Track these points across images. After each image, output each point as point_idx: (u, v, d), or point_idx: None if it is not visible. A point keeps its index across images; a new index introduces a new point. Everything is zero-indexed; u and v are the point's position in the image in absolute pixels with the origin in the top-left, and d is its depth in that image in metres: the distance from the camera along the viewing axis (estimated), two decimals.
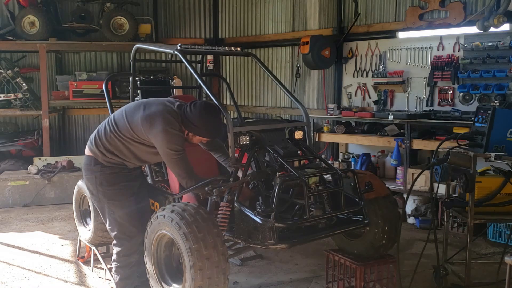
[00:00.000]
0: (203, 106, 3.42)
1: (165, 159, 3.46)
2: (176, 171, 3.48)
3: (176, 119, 3.37)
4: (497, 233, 5.28)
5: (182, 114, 3.39)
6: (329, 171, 3.68)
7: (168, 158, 3.42)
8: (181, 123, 3.37)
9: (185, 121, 3.38)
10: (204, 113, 3.40)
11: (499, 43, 5.60)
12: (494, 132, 3.67)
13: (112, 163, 3.57)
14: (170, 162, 3.43)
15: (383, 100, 6.75)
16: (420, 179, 5.17)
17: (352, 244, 4.18)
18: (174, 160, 3.40)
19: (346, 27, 7.14)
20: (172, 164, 3.45)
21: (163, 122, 3.30)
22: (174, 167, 3.46)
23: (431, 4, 6.15)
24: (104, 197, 3.60)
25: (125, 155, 3.55)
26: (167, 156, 3.40)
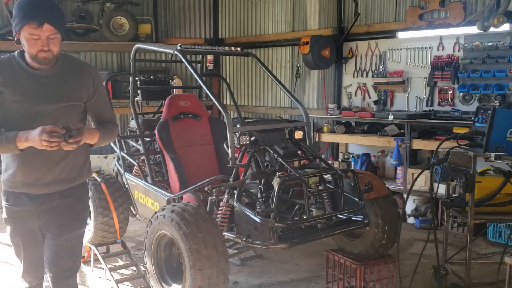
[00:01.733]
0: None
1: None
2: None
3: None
4: (497, 233, 5.28)
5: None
6: (329, 171, 3.68)
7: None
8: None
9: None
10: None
11: (499, 43, 5.60)
12: (494, 132, 3.67)
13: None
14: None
15: (383, 100, 6.75)
16: (420, 179, 5.17)
17: (352, 244, 4.19)
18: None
19: (346, 27, 7.14)
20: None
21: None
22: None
23: (431, 4, 6.15)
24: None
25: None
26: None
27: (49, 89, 2.46)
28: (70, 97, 2.52)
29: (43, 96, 2.44)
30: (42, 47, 2.35)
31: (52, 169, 2.54)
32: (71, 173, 2.61)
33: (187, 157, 4.62)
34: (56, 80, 2.48)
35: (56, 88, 2.48)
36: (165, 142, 4.52)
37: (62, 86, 2.50)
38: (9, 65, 2.44)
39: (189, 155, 4.68)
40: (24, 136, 2.31)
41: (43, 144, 2.24)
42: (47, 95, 2.45)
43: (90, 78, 2.59)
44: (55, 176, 2.55)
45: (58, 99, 2.47)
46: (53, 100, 2.46)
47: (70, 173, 2.61)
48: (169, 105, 4.77)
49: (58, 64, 2.49)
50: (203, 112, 4.99)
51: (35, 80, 2.44)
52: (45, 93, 2.44)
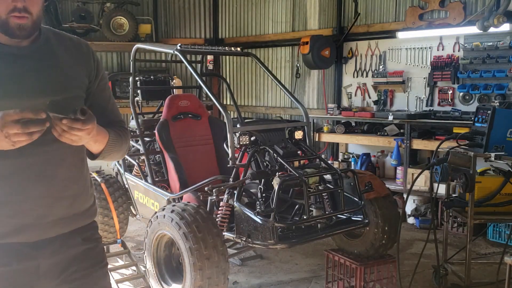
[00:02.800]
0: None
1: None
2: None
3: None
4: (497, 233, 5.28)
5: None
6: (329, 171, 3.68)
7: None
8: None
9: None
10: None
11: (499, 43, 5.60)
12: (494, 132, 3.67)
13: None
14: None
15: (383, 100, 6.75)
16: (420, 179, 5.16)
17: (352, 244, 4.19)
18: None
19: (346, 27, 7.14)
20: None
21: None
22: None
23: (431, 4, 6.15)
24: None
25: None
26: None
27: (31, 75, 1.58)
28: (66, 86, 1.65)
29: (21, 87, 1.56)
30: (15, 3, 1.50)
31: (59, 193, 1.66)
32: (86, 199, 1.78)
33: (187, 157, 4.62)
34: (41, 60, 1.62)
35: (43, 73, 1.61)
36: (165, 142, 4.52)
37: (52, 68, 1.63)
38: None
39: (189, 155, 4.68)
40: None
41: (11, 141, 1.37)
42: (29, 84, 1.57)
43: (89, 56, 1.76)
44: (67, 205, 1.70)
45: (47, 90, 1.59)
46: (38, 91, 1.58)
47: (85, 199, 1.78)
48: (169, 105, 4.77)
49: (42, 38, 1.65)
50: (203, 112, 4.99)
51: (6, 61, 1.56)
52: (25, 82, 1.57)
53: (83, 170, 1.77)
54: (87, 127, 1.42)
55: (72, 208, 1.71)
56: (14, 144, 1.37)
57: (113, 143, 1.70)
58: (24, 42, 1.60)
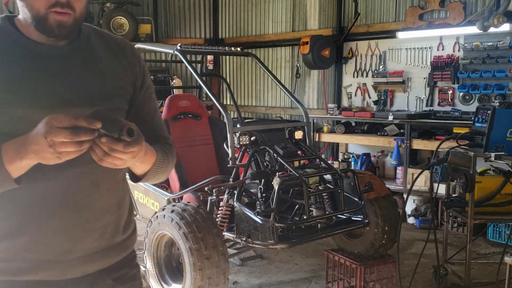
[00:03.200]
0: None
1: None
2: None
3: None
4: (497, 233, 5.28)
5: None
6: (329, 171, 3.68)
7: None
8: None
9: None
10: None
11: (499, 43, 5.60)
12: (494, 132, 3.67)
13: None
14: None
15: (383, 100, 6.75)
16: (420, 179, 5.16)
17: (352, 244, 4.19)
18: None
19: (346, 27, 7.14)
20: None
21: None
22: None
23: (431, 4, 6.15)
24: None
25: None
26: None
27: (65, 81, 1.32)
28: (107, 95, 1.38)
29: (53, 94, 1.29)
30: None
31: (89, 224, 1.38)
32: (120, 229, 1.48)
33: (187, 157, 4.62)
34: (79, 63, 1.36)
35: (80, 79, 1.34)
36: None
37: (91, 74, 1.37)
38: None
39: (189, 155, 4.68)
40: (17, 147, 1.14)
41: (57, 151, 1.09)
42: (62, 91, 1.30)
43: (135, 61, 1.50)
44: (97, 238, 1.40)
45: (84, 99, 1.33)
46: (73, 100, 1.31)
47: (119, 230, 1.47)
48: (169, 105, 4.77)
49: (81, 37, 1.39)
50: (203, 112, 4.99)
51: (37, 62, 1.30)
52: (58, 89, 1.30)
53: (122, 194, 1.48)
54: (132, 150, 1.15)
55: (103, 241, 1.41)
56: (60, 156, 1.09)
57: (160, 163, 1.42)
58: (61, 42, 1.33)
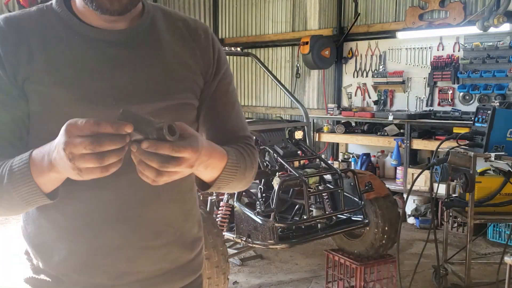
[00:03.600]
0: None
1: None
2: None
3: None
4: (497, 233, 5.28)
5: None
6: (329, 171, 3.68)
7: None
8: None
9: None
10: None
11: (499, 43, 5.60)
12: (494, 132, 3.67)
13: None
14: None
15: (383, 100, 6.75)
16: (420, 179, 5.16)
17: (352, 244, 4.19)
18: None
19: (346, 27, 7.14)
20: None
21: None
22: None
23: (431, 4, 6.15)
24: None
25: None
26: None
27: (129, 71, 1.10)
28: (172, 88, 1.14)
29: (115, 88, 1.08)
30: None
31: (148, 242, 1.15)
32: (186, 247, 1.23)
33: None
34: (141, 50, 1.13)
35: (145, 69, 1.12)
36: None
37: (159, 63, 1.14)
38: (41, 24, 1.09)
39: None
40: (43, 156, 0.95)
41: (77, 167, 0.87)
42: (119, 85, 1.09)
43: (208, 46, 1.22)
44: (158, 259, 1.18)
45: (150, 94, 1.11)
46: (139, 95, 1.10)
47: (185, 249, 1.23)
48: None
49: (146, 18, 1.15)
50: None
51: (93, 50, 1.09)
52: (116, 81, 1.09)
53: (190, 206, 1.23)
54: (185, 155, 0.87)
55: (166, 262, 1.18)
56: (80, 173, 0.86)
57: (234, 167, 1.12)
58: (120, 24, 1.10)
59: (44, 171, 0.94)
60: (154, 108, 1.10)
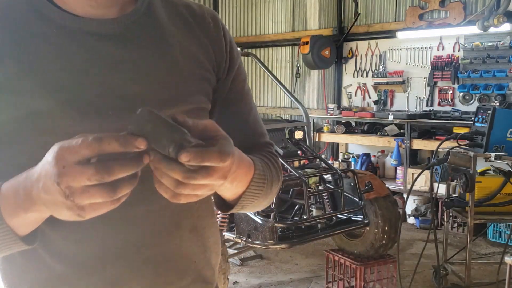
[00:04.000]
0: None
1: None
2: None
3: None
4: (497, 233, 5.28)
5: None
6: (329, 171, 3.68)
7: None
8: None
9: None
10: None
11: (499, 43, 5.60)
12: (494, 132, 3.67)
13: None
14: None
15: (383, 100, 6.75)
16: (420, 179, 5.15)
17: (352, 244, 4.19)
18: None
19: (346, 27, 7.14)
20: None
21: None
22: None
23: (431, 4, 6.15)
24: None
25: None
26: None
27: (124, 70, 0.84)
28: (180, 90, 0.89)
29: (116, 93, 0.83)
30: None
31: (173, 286, 0.94)
32: (207, 280, 1.04)
33: None
34: (142, 43, 0.88)
35: (144, 67, 0.86)
36: None
37: (160, 58, 0.88)
38: (4, 14, 0.83)
39: None
40: (16, 193, 0.71)
41: (77, 205, 0.64)
42: (115, 88, 0.83)
43: (219, 36, 0.99)
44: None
45: (153, 98, 0.85)
46: (145, 100, 0.84)
47: (205, 286, 1.04)
48: None
49: (141, 3, 0.90)
50: None
51: (79, 45, 0.83)
52: (109, 84, 0.83)
53: (209, 232, 1.01)
54: (224, 164, 0.66)
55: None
56: (82, 212, 0.65)
57: (261, 181, 0.89)
58: (110, 11, 0.85)
59: (19, 211, 0.70)
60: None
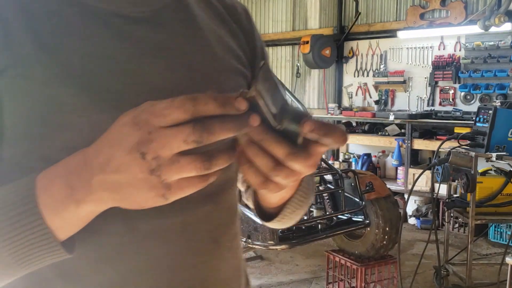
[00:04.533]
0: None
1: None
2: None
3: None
4: (498, 233, 5.27)
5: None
6: (330, 171, 3.67)
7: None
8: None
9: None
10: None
11: (500, 43, 5.58)
12: (495, 132, 3.66)
13: None
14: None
15: (384, 100, 6.73)
16: (421, 179, 5.13)
17: (352, 245, 4.17)
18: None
19: (347, 26, 7.13)
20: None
21: None
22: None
23: (432, 3, 6.13)
24: None
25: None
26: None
27: (163, 61, 0.72)
28: (228, 82, 0.78)
29: (151, 83, 0.69)
30: None
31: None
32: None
33: None
34: (177, 31, 0.75)
35: (185, 57, 0.74)
36: None
37: (196, 47, 0.76)
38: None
39: None
40: (67, 180, 0.55)
41: (164, 182, 0.51)
42: (163, 78, 0.71)
43: (252, 30, 0.88)
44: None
45: (198, 90, 0.52)
46: (183, 92, 0.52)
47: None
48: None
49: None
50: None
51: (116, 32, 0.69)
52: (156, 74, 0.70)
53: (240, 253, 0.91)
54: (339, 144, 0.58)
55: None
56: (166, 193, 0.52)
57: (308, 186, 0.80)
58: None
59: (68, 205, 0.55)
60: None
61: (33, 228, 0.56)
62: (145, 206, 0.54)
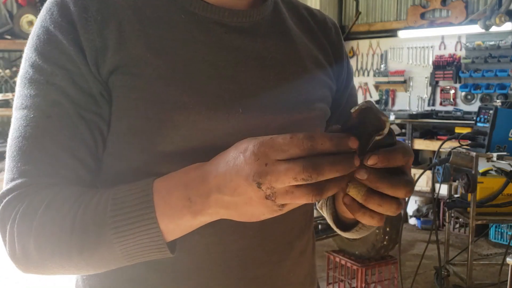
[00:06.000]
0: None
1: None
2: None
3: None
4: (499, 234, 5.26)
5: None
6: None
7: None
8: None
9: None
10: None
11: (501, 42, 5.57)
12: (496, 132, 3.65)
13: None
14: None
15: (384, 100, 6.72)
16: (421, 179, 5.12)
17: (353, 245, 4.16)
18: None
19: (347, 26, 7.11)
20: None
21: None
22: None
23: (432, 3, 6.12)
24: None
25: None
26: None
27: (258, 69, 0.77)
28: (316, 93, 0.83)
29: (246, 89, 0.75)
30: None
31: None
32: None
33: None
34: (273, 42, 0.81)
35: (277, 67, 0.79)
36: None
37: (293, 59, 0.82)
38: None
39: None
40: (186, 192, 0.63)
41: (277, 205, 0.58)
42: (257, 86, 0.76)
43: (340, 46, 0.93)
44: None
45: (288, 100, 0.78)
46: (275, 101, 0.77)
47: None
48: None
49: (270, 2, 0.84)
50: None
51: (216, 39, 0.76)
52: (251, 81, 0.76)
53: (314, 260, 0.92)
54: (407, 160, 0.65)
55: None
56: (280, 209, 0.59)
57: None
58: (241, 3, 0.78)
59: (184, 215, 0.62)
60: (289, 121, 0.76)
61: (147, 231, 0.63)
62: (262, 219, 0.61)
